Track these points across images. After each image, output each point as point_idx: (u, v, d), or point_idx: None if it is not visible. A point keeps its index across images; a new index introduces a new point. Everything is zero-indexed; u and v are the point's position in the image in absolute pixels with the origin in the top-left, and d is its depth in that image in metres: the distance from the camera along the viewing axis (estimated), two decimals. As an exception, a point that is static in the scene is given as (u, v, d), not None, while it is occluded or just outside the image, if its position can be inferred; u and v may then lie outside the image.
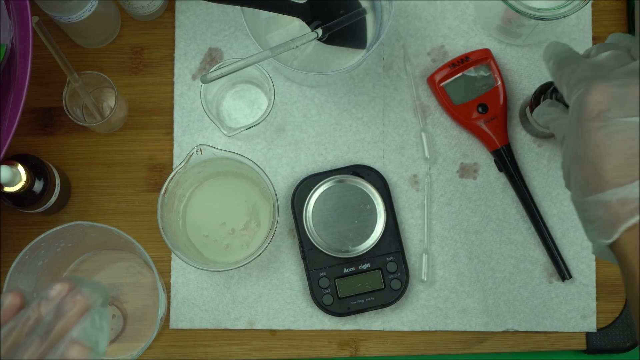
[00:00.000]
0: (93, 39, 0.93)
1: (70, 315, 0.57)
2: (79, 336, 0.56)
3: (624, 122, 0.61)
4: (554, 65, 0.68)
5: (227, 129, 0.86)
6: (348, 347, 0.91)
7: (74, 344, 0.56)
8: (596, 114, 0.61)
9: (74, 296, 0.58)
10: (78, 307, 0.58)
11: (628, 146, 0.60)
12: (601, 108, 0.61)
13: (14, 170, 0.81)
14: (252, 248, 0.88)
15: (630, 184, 0.60)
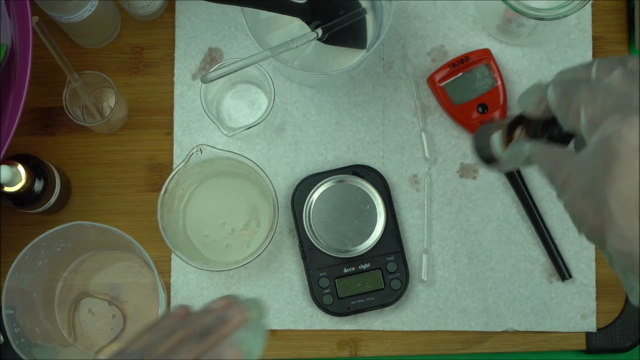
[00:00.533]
0: (93, 39, 0.93)
1: (231, 323, 0.61)
2: (237, 342, 0.60)
3: None
4: (559, 91, 0.57)
5: (227, 129, 0.86)
6: (348, 347, 0.91)
7: (231, 347, 0.60)
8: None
9: (237, 308, 0.63)
10: (239, 318, 0.62)
11: None
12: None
13: (14, 170, 0.81)
14: (252, 248, 0.88)
15: None
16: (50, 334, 0.88)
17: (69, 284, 0.92)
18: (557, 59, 0.94)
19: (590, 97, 0.54)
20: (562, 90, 0.57)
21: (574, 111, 0.55)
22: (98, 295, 0.92)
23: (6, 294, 0.80)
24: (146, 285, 0.92)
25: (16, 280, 0.81)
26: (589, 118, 0.54)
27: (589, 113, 0.54)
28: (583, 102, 0.55)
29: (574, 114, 0.55)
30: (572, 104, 0.55)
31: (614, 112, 0.52)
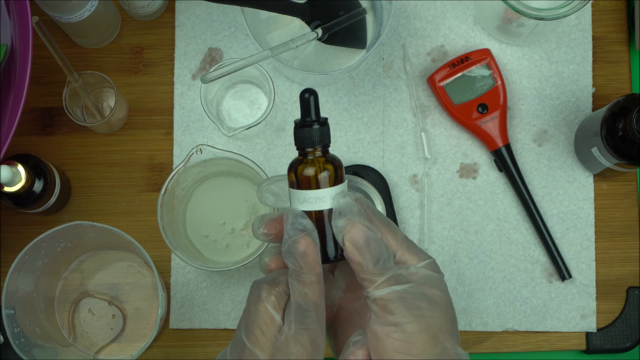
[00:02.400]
0: (93, 39, 0.93)
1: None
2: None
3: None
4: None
5: (227, 129, 0.86)
6: (348, 347, 0.91)
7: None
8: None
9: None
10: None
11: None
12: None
13: (14, 170, 0.81)
14: (252, 248, 0.88)
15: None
16: (50, 334, 0.88)
17: (69, 284, 0.92)
18: (557, 59, 0.94)
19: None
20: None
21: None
22: (98, 295, 0.92)
23: (6, 294, 0.80)
24: (146, 285, 0.92)
25: (16, 280, 0.81)
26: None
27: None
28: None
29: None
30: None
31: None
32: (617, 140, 0.81)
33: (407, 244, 0.61)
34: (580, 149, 0.91)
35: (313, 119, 0.59)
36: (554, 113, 0.93)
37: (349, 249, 0.58)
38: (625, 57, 0.95)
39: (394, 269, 0.59)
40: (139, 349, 0.81)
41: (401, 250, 0.61)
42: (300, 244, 0.58)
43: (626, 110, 0.81)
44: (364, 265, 0.58)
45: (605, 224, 0.92)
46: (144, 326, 0.91)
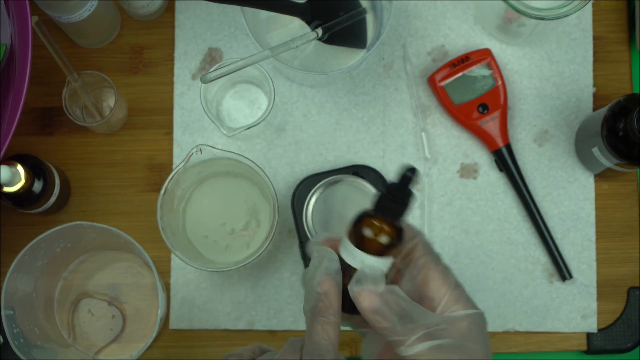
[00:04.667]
0: (93, 38, 0.93)
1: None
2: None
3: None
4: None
5: (227, 129, 0.85)
6: (348, 348, 0.91)
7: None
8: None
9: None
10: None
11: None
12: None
13: (13, 170, 0.81)
14: (252, 248, 0.88)
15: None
16: (50, 334, 0.88)
17: (68, 285, 0.92)
18: (557, 58, 0.93)
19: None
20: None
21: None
22: (97, 295, 0.91)
23: (5, 294, 0.80)
24: (146, 286, 0.92)
25: (15, 280, 0.81)
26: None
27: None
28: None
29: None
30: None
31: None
32: (618, 140, 0.81)
33: (457, 293, 0.59)
34: (580, 149, 0.91)
35: (406, 198, 0.59)
36: (555, 113, 0.93)
37: (365, 315, 0.57)
38: (625, 57, 0.94)
39: (430, 323, 0.57)
40: (139, 350, 0.81)
41: (449, 298, 0.59)
42: (324, 284, 0.57)
43: (627, 110, 0.81)
44: (388, 328, 0.56)
45: (606, 224, 0.92)
46: (143, 327, 0.91)
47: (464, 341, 0.57)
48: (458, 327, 0.58)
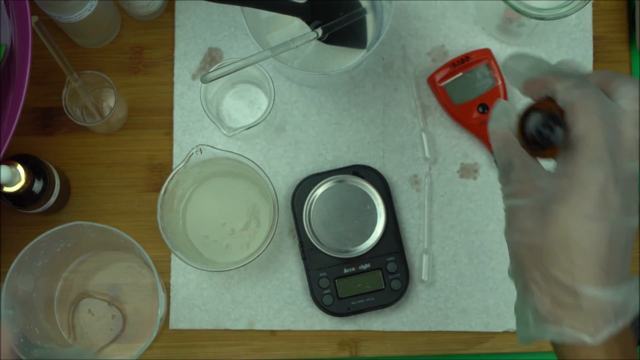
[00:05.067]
0: (93, 39, 0.93)
1: None
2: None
3: (627, 221, 0.55)
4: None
5: (227, 129, 0.86)
6: (348, 348, 0.91)
7: None
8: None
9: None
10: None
11: (626, 247, 0.56)
12: (606, 206, 0.54)
13: (13, 170, 0.81)
14: (252, 248, 0.88)
15: (616, 286, 0.55)
16: (50, 334, 0.88)
17: (68, 285, 0.92)
18: (557, 58, 0.93)
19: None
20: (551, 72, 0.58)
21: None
22: (98, 295, 0.91)
23: (5, 294, 0.80)
24: (146, 286, 0.92)
25: (16, 280, 0.81)
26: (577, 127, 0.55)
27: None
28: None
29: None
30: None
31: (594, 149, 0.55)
32: None
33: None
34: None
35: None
36: (555, 113, 0.93)
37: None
38: (625, 57, 0.94)
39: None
40: (139, 350, 0.81)
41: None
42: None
43: None
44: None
45: (606, 224, 0.92)
46: (143, 327, 0.91)
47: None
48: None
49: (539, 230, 0.57)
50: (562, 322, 0.56)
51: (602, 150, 0.55)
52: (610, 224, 0.55)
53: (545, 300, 0.57)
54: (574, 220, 0.55)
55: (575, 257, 0.55)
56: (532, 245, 0.58)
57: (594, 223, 0.55)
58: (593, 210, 0.55)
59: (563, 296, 0.56)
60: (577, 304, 0.55)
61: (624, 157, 0.56)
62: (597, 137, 0.55)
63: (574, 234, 0.55)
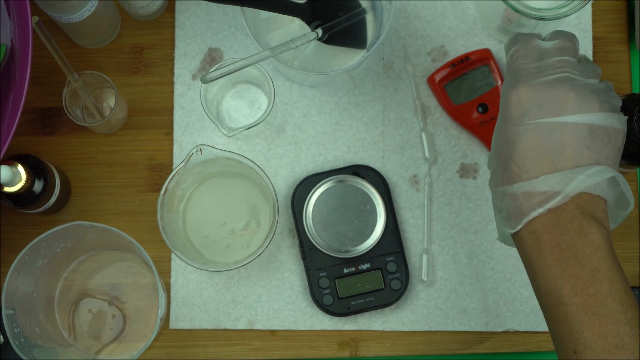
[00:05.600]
0: (93, 39, 0.93)
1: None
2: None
3: (536, 123, 0.66)
4: (511, 40, 0.72)
5: (227, 129, 0.86)
6: (348, 348, 0.91)
7: None
8: (515, 116, 0.67)
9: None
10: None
11: (538, 146, 0.65)
12: (520, 111, 0.66)
13: (13, 170, 0.81)
14: (252, 248, 0.88)
15: (536, 179, 0.65)
16: (50, 334, 0.88)
17: (68, 284, 0.92)
18: (557, 59, 0.93)
19: (521, 51, 0.70)
20: (514, 37, 0.72)
21: (509, 56, 0.71)
22: (98, 295, 0.92)
23: (6, 294, 0.80)
24: (146, 286, 0.92)
25: (16, 280, 0.81)
26: (510, 64, 0.71)
27: (512, 62, 0.71)
28: (515, 52, 0.71)
29: (508, 57, 0.72)
30: (511, 51, 0.71)
31: (518, 73, 0.69)
32: None
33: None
34: (580, 149, 0.91)
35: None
36: (554, 113, 0.93)
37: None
38: (625, 57, 0.95)
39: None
40: (139, 349, 0.81)
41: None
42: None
43: (626, 110, 0.81)
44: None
45: (606, 224, 0.92)
46: (144, 326, 0.91)
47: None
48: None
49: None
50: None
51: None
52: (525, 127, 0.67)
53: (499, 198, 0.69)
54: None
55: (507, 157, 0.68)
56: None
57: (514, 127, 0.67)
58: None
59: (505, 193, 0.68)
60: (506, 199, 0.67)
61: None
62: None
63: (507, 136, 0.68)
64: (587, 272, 0.63)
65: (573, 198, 0.64)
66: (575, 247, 0.64)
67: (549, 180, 0.64)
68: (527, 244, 0.66)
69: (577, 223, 0.64)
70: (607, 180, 0.66)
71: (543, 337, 0.91)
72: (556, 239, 0.64)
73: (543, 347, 0.91)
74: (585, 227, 0.64)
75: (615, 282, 0.63)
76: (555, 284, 0.64)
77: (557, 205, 0.64)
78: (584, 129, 0.65)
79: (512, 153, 0.66)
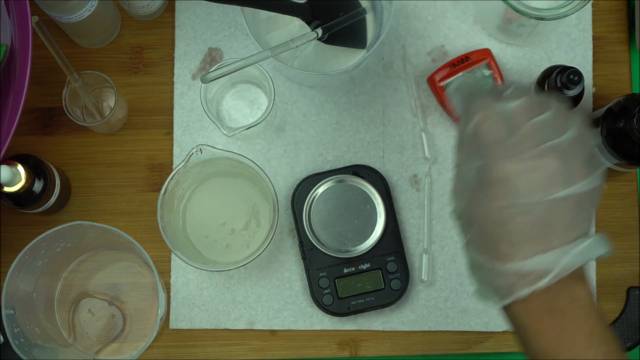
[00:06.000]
0: (93, 39, 0.93)
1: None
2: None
3: (527, 203, 0.64)
4: (462, 95, 0.68)
5: (227, 129, 0.86)
6: (348, 347, 0.91)
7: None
8: (503, 195, 0.64)
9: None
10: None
11: (529, 225, 0.64)
12: (509, 191, 0.64)
13: (13, 170, 0.81)
14: (252, 248, 0.88)
15: (527, 259, 0.64)
16: (50, 334, 0.88)
17: (68, 284, 0.92)
18: (557, 59, 0.94)
19: (484, 107, 0.66)
20: (467, 93, 0.68)
21: (467, 114, 0.67)
22: (98, 295, 0.92)
23: (6, 294, 0.80)
24: (146, 285, 0.92)
25: (16, 280, 0.81)
26: (475, 127, 0.66)
27: (476, 122, 0.66)
28: (476, 107, 0.66)
29: (465, 116, 0.67)
30: (467, 108, 0.67)
31: (489, 145, 0.65)
32: (618, 140, 0.81)
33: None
34: (580, 149, 0.91)
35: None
36: (554, 113, 0.93)
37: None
38: (625, 57, 0.95)
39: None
40: (139, 349, 0.81)
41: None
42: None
43: (626, 110, 0.81)
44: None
45: (606, 224, 0.92)
46: (144, 326, 0.91)
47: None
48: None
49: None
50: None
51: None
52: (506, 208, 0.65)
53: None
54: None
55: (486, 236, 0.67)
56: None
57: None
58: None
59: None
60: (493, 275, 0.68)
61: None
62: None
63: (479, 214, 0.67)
64: (584, 335, 0.64)
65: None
66: (568, 312, 0.65)
67: (540, 261, 0.64)
68: (519, 313, 0.67)
69: (568, 290, 0.65)
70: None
71: (543, 337, 0.91)
72: (549, 306, 0.65)
73: (543, 347, 0.91)
74: (576, 291, 0.65)
75: (610, 344, 0.64)
76: (552, 348, 0.65)
77: (548, 285, 0.65)
78: (572, 202, 0.65)
79: (502, 232, 0.65)
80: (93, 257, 0.92)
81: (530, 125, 0.65)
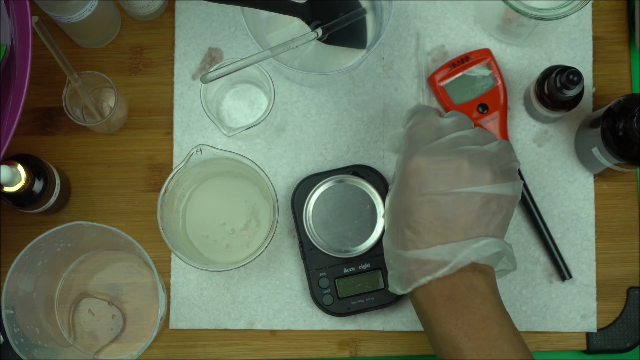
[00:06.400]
0: (93, 39, 0.93)
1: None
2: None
3: (433, 194, 0.70)
4: (408, 112, 0.79)
5: (227, 129, 0.86)
6: (348, 347, 0.91)
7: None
8: (413, 185, 0.72)
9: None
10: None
11: (433, 215, 0.70)
12: (418, 181, 0.71)
13: (13, 170, 0.81)
14: (252, 248, 0.88)
15: (428, 249, 0.70)
16: (50, 334, 0.88)
17: (68, 284, 0.92)
18: (557, 59, 0.94)
19: (419, 121, 0.77)
20: (412, 109, 0.81)
21: (407, 126, 0.79)
22: (98, 295, 0.92)
23: (6, 294, 0.80)
24: (146, 285, 0.92)
25: (16, 280, 0.81)
26: (408, 136, 0.78)
27: (410, 133, 0.78)
28: (413, 123, 0.78)
29: (406, 128, 0.79)
30: (409, 122, 0.79)
31: (417, 142, 0.75)
32: (618, 140, 0.81)
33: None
34: (580, 149, 0.91)
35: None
36: (554, 113, 0.93)
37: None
38: (625, 57, 0.95)
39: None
40: (139, 349, 0.81)
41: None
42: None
43: (626, 110, 0.81)
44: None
45: (606, 224, 0.92)
46: (144, 326, 0.91)
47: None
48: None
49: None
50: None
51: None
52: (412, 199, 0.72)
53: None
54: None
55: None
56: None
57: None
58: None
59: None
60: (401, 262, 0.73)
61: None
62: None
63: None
64: (478, 319, 0.69)
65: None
66: (465, 299, 0.70)
67: (439, 251, 0.70)
68: (421, 299, 0.72)
69: (467, 279, 0.70)
70: (493, 254, 0.71)
71: (543, 337, 0.91)
72: (448, 293, 0.70)
73: (543, 347, 0.91)
74: (474, 281, 0.70)
75: (504, 326, 0.69)
76: (450, 332, 0.69)
77: (444, 275, 0.70)
78: (477, 200, 0.70)
79: (409, 220, 0.71)
80: (93, 257, 0.92)
81: (452, 135, 0.73)
